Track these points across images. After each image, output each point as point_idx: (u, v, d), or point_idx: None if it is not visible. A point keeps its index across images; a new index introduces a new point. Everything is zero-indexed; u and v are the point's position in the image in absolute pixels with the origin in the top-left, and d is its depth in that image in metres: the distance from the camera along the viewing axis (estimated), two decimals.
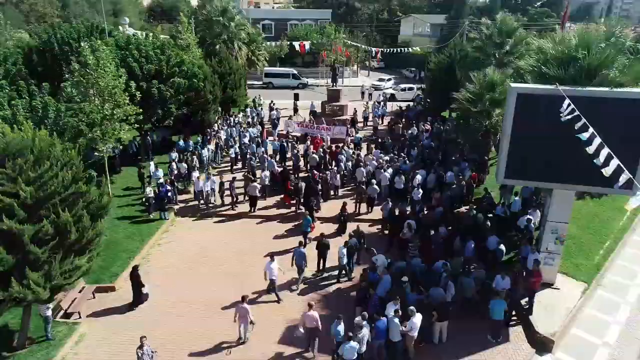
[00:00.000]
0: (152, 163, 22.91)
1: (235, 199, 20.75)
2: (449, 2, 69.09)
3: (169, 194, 20.18)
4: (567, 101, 11.76)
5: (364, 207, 20.71)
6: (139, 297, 14.38)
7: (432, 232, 17.24)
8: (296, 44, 51.10)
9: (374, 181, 20.88)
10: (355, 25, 68.82)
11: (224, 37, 36.34)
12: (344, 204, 19.31)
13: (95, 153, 20.06)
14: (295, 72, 52.33)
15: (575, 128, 10.97)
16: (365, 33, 67.04)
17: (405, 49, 58.21)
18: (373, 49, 56.99)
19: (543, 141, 13.28)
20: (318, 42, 53.62)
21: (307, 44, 50.69)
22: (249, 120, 32.41)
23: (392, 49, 57.31)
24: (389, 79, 54.05)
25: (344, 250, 15.37)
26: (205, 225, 19.81)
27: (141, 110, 20.80)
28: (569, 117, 11.34)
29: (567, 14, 36.67)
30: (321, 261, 16.38)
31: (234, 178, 21.37)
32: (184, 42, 34.49)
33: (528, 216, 17.12)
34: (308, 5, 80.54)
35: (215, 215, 20.52)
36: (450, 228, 17.13)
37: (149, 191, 20.08)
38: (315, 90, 49.54)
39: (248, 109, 33.91)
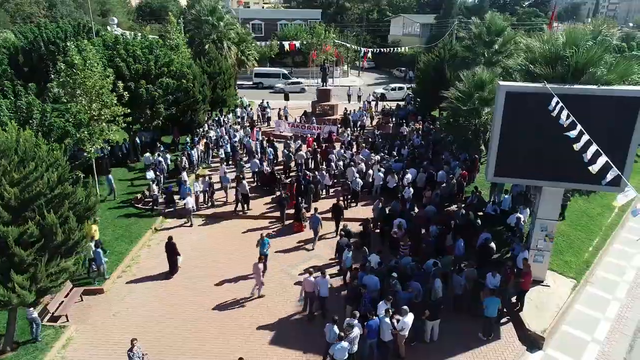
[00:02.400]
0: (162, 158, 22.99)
1: (239, 202, 20.45)
2: (438, 2, 69.46)
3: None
4: (555, 99, 11.84)
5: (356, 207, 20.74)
6: (174, 267, 15.88)
7: (423, 230, 17.31)
8: (286, 44, 51.03)
9: (356, 175, 20.96)
10: (345, 25, 68.91)
11: (213, 36, 36.07)
12: (367, 221, 17.64)
13: (85, 154, 19.83)
14: (286, 72, 52.29)
15: (564, 126, 11.04)
16: (355, 33, 67.10)
17: (396, 49, 58.33)
18: (362, 49, 57.05)
19: (532, 139, 13.34)
20: (308, 42, 53.57)
21: (297, 44, 50.63)
22: (238, 120, 32.33)
23: (381, 49, 57.40)
24: (296, 82, 50.11)
25: (350, 255, 15.13)
26: (195, 225, 19.60)
27: (129, 110, 20.59)
28: (558, 114, 11.42)
29: (555, 14, 37.16)
30: (339, 224, 18.35)
31: (240, 179, 21.11)
32: (173, 42, 34.26)
33: (518, 214, 17.19)
34: (298, 5, 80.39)
35: (205, 215, 20.34)
36: (442, 227, 17.09)
37: (155, 188, 20.15)
38: (305, 90, 49.50)
39: (238, 109, 33.78)
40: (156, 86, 22.95)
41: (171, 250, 15.76)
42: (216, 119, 31.05)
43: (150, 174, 20.85)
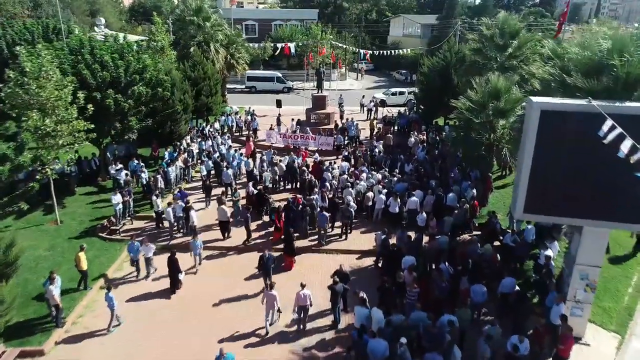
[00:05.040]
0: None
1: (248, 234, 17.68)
2: (439, 2, 66.87)
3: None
4: (609, 122, 9.18)
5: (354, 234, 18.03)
6: (176, 284, 14.58)
7: (434, 266, 14.70)
8: (280, 46, 48.33)
9: (349, 198, 18.31)
10: (343, 26, 66.18)
11: (199, 38, 33.25)
12: (384, 281, 13.58)
13: (37, 176, 17.18)
14: (280, 75, 49.62)
15: (630, 161, 8.40)
16: (353, 34, 64.40)
17: (398, 51, 55.64)
18: (362, 51, 54.30)
19: (573, 168, 10.75)
20: (303, 44, 50.83)
21: (292, 46, 47.84)
22: (224, 130, 29.60)
23: (382, 51, 54.69)
24: None
25: (367, 313, 11.80)
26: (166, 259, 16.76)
27: (92, 125, 17.85)
28: (616, 143, 8.78)
29: (567, 14, 34.58)
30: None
31: (249, 207, 18.26)
32: (158, 44, 31.63)
33: (548, 251, 14.43)
34: (294, 5, 77.59)
35: (180, 246, 17.55)
36: (457, 267, 14.38)
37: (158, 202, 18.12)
38: (300, 94, 46.86)
39: (222, 117, 30.97)
40: (127, 96, 20.16)
41: (173, 266, 14.44)
42: (200, 128, 28.28)
43: (116, 198, 18.05)
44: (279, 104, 31.88)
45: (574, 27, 54.25)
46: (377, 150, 24.95)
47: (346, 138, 27.90)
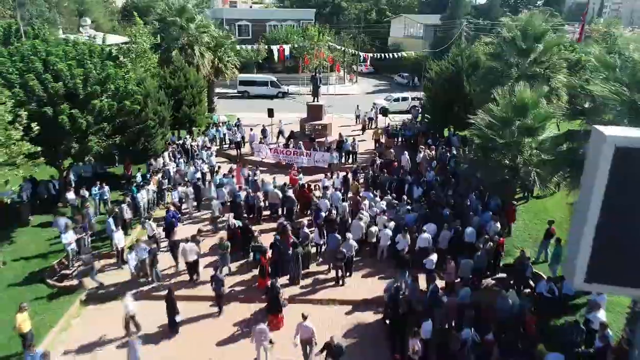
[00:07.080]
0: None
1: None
2: (442, 2, 63.84)
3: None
4: None
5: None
6: (173, 324, 12.80)
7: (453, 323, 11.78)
8: (274, 49, 45.26)
9: (349, 235, 15.15)
10: (342, 27, 63.15)
11: (183, 41, 30.13)
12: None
13: None
14: (274, 79, 46.54)
15: None
16: (352, 35, 61.34)
17: (401, 53, 52.61)
18: (361, 54, 51.24)
19: None
20: (299, 46, 47.77)
21: (287, 48, 44.75)
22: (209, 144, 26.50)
23: (385, 54, 51.67)
24: None
25: None
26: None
27: (40, 148, 14.81)
28: None
29: (586, 15, 31.67)
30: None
31: (252, 259, 15.30)
32: (139, 47, 28.56)
33: (601, 313, 11.41)
34: (291, 5, 74.44)
35: (144, 293, 14.51)
36: (487, 335, 11.33)
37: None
38: (296, 99, 43.84)
39: (212, 130, 27.94)
40: (86, 111, 17.06)
41: (171, 304, 12.55)
42: (181, 143, 25.19)
43: (67, 236, 14.95)
44: (270, 113, 28.71)
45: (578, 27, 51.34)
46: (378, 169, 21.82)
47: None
